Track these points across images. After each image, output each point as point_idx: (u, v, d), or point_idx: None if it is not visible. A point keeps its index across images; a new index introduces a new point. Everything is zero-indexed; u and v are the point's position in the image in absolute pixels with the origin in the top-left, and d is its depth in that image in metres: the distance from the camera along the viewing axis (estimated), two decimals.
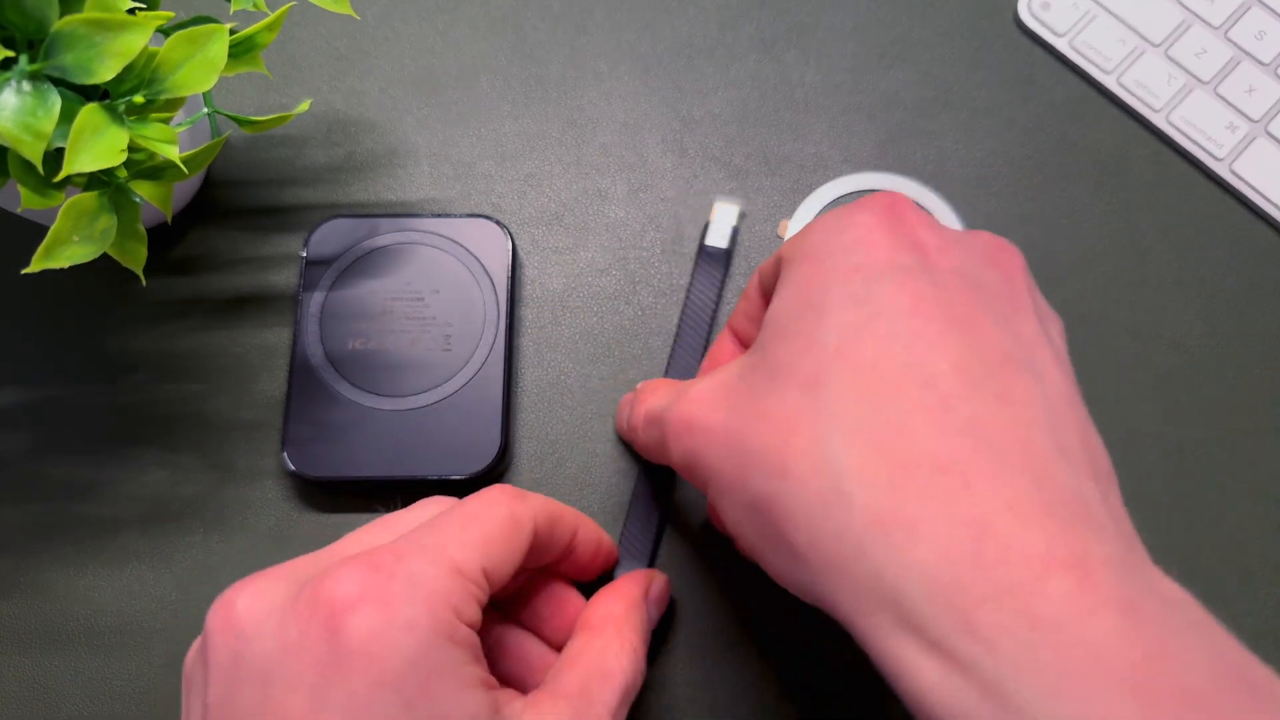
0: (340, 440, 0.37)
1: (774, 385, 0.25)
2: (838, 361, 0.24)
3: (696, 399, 0.28)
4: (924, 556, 0.21)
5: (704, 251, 0.40)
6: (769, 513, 0.24)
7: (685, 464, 0.29)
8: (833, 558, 0.22)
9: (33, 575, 0.37)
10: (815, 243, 0.27)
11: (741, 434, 0.25)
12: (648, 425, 0.32)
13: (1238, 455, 0.39)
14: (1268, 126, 0.43)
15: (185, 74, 0.31)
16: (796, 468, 0.23)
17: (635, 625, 0.31)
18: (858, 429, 0.23)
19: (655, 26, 0.46)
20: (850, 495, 0.22)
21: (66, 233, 0.30)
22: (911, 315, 0.24)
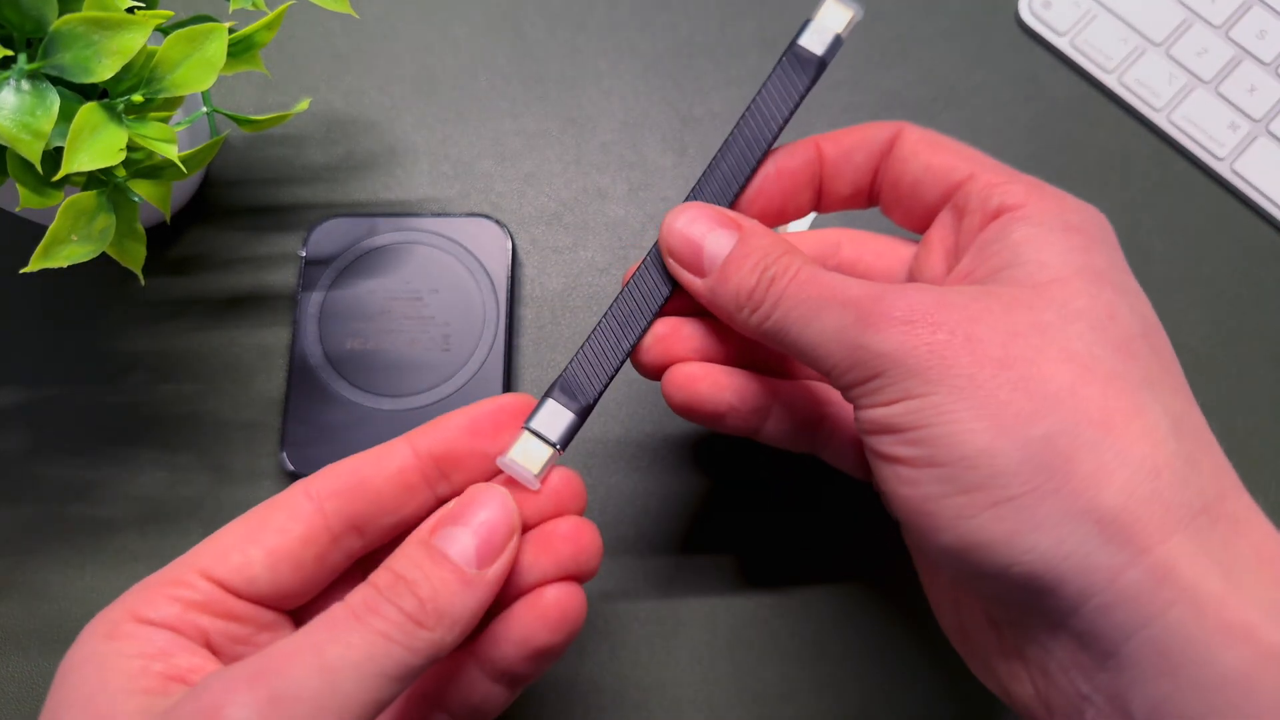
0: (339, 440, 0.37)
1: (1087, 339, 0.25)
2: (1149, 339, 0.25)
3: (931, 297, 0.25)
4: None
5: (792, 51, 0.31)
6: (1052, 443, 0.23)
7: (888, 350, 0.25)
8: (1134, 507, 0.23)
9: (30, 576, 0.37)
10: (1082, 217, 0.27)
11: (1028, 362, 0.24)
12: (797, 285, 0.27)
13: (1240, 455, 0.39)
14: (1269, 126, 0.43)
15: (184, 73, 0.31)
16: (1125, 428, 0.23)
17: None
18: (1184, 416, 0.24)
19: (655, 25, 0.45)
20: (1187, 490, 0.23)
21: (65, 232, 0.30)
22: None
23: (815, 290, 0.26)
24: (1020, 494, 0.23)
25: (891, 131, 0.30)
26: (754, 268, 0.27)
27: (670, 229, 0.29)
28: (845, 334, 0.25)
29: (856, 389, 0.25)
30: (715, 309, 0.29)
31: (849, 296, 0.26)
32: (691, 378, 0.30)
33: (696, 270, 0.29)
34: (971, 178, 0.29)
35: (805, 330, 0.26)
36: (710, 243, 0.28)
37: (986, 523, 0.23)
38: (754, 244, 0.28)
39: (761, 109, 0.31)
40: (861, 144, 0.30)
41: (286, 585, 0.26)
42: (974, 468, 0.23)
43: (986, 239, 0.27)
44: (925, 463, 0.24)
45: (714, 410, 0.30)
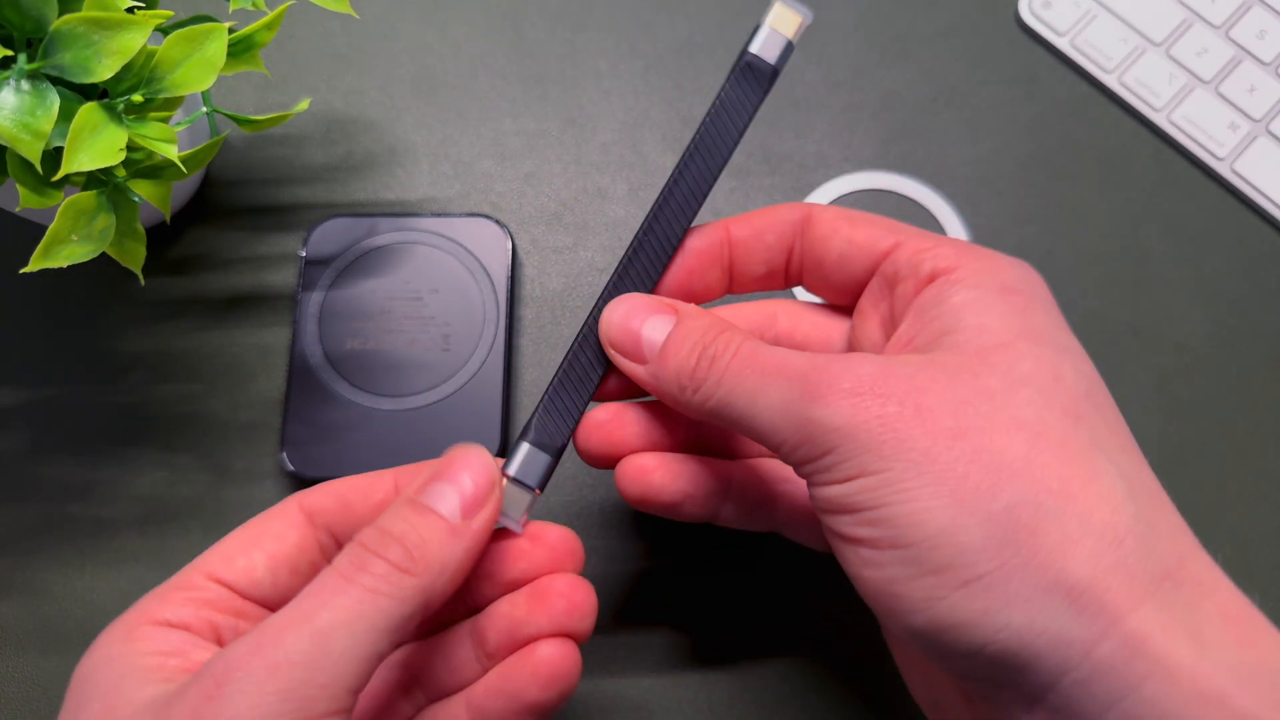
0: (339, 440, 0.37)
1: (1019, 399, 0.24)
2: (1093, 399, 0.25)
3: (876, 369, 0.25)
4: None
5: (744, 61, 0.30)
6: (1014, 516, 0.23)
7: (838, 425, 0.24)
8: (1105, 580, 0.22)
9: (30, 576, 0.37)
10: (1016, 276, 0.27)
11: (980, 431, 0.24)
12: (739, 361, 0.26)
13: (1240, 455, 0.39)
14: (1269, 126, 0.43)
15: (184, 73, 0.31)
16: (1083, 494, 0.23)
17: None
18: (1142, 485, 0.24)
19: (655, 24, 0.45)
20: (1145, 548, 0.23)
21: (65, 232, 0.30)
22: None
23: (757, 365, 0.26)
24: (988, 571, 0.22)
25: (801, 213, 0.30)
26: (692, 348, 0.27)
27: (609, 323, 0.29)
28: (791, 409, 0.25)
29: (808, 465, 0.25)
30: (659, 394, 0.28)
31: (793, 370, 0.25)
32: (644, 469, 0.30)
33: (637, 358, 0.28)
34: (898, 245, 0.28)
35: (750, 407, 0.26)
36: (647, 330, 0.28)
37: (957, 603, 0.23)
38: (690, 325, 0.28)
39: (716, 126, 0.30)
40: (771, 225, 0.30)
41: (286, 588, 0.27)
42: (938, 547, 0.23)
43: (922, 304, 0.27)
44: (887, 544, 0.23)
45: (670, 500, 0.30)
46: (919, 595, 0.23)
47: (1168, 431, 0.39)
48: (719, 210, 0.42)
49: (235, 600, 0.26)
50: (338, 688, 0.22)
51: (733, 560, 0.37)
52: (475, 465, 0.27)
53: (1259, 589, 0.37)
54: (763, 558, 0.37)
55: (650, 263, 0.30)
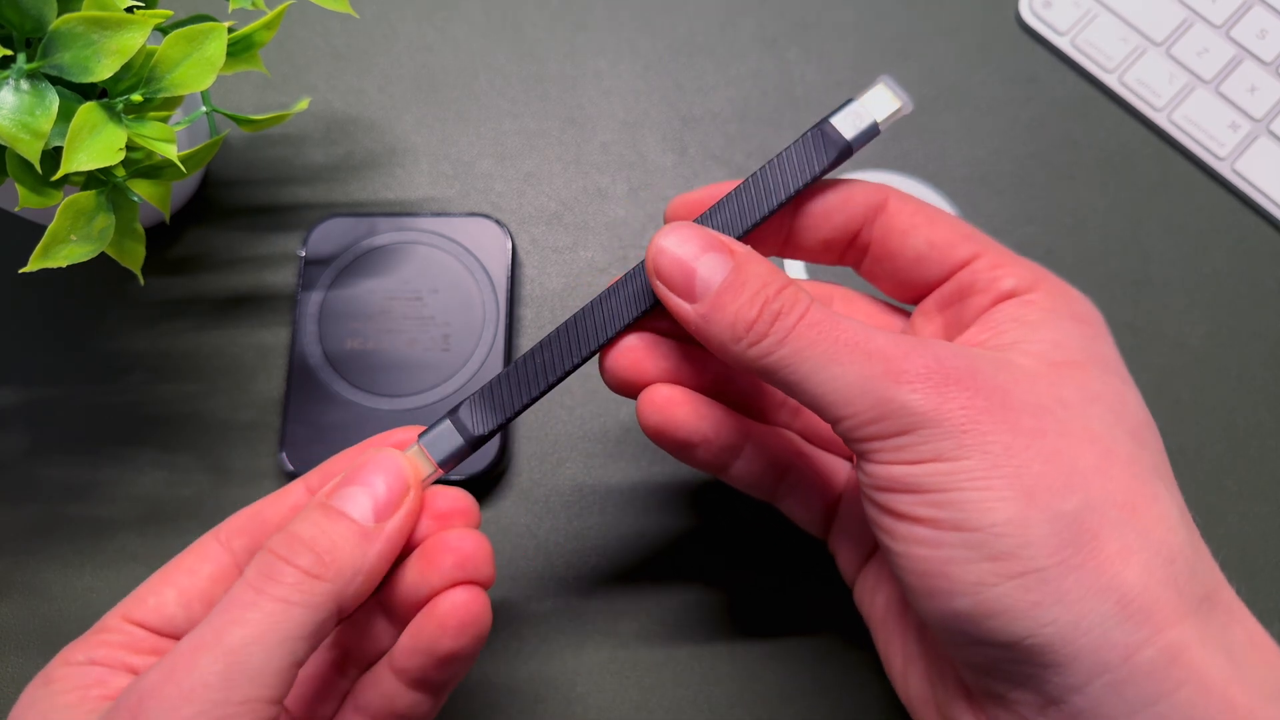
0: (339, 441, 0.37)
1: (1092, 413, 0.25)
2: (1152, 430, 0.26)
3: (964, 360, 0.25)
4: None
5: (819, 127, 0.29)
6: (1080, 519, 0.23)
7: (922, 409, 0.24)
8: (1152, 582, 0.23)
9: (29, 576, 0.37)
10: (1087, 309, 0.28)
11: (1058, 435, 0.24)
12: (808, 325, 0.26)
13: (1240, 455, 0.39)
14: (1269, 126, 0.43)
15: (183, 72, 0.31)
16: (1146, 512, 0.24)
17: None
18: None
19: (655, 24, 0.45)
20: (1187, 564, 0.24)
21: (64, 232, 0.30)
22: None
23: (833, 334, 0.25)
24: (1046, 566, 0.23)
25: (877, 198, 0.29)
26: (753, 298, 0.26)
27: (660, 249, 0.27)
28: (870, 384, 0.24)
29: (876, 441, 0.25)
30: (706, 338, 0.27)
31: (873, 346, 0.25)
32: (670, 401, 0.29)
33: (687, 295, 0.27)
34: (977, 257, 0.29)
35: (817, 374, 0.25)
36: (703, 266, 0.26)
37: (1009, 591, 0.23)
38: (751, 271, 0.26)
39: (772, 176, 0.29)
40: (843, 205, 0.29)
41: (202, 620, 0.27)
42: (1003, 535, 0.23)
43: (997, 317, 0.27)
44: (950, 526, 0.24)
45: (687, 439, 0.29)
46: (971, 578, 0.23)
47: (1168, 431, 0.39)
48: None
49: (152, 639, 0.26)
50: (258, 701, 0.23)
51: (733, 561, 0.37)
52: (388, 468, 0.27)
53: (1259, 589, 0.37)
54: (764, 558, 0.37)
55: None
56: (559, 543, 0.38)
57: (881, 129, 0.29)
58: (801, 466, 0.32)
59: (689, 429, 0.29)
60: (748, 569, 0.37)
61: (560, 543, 0.38)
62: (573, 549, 0.37)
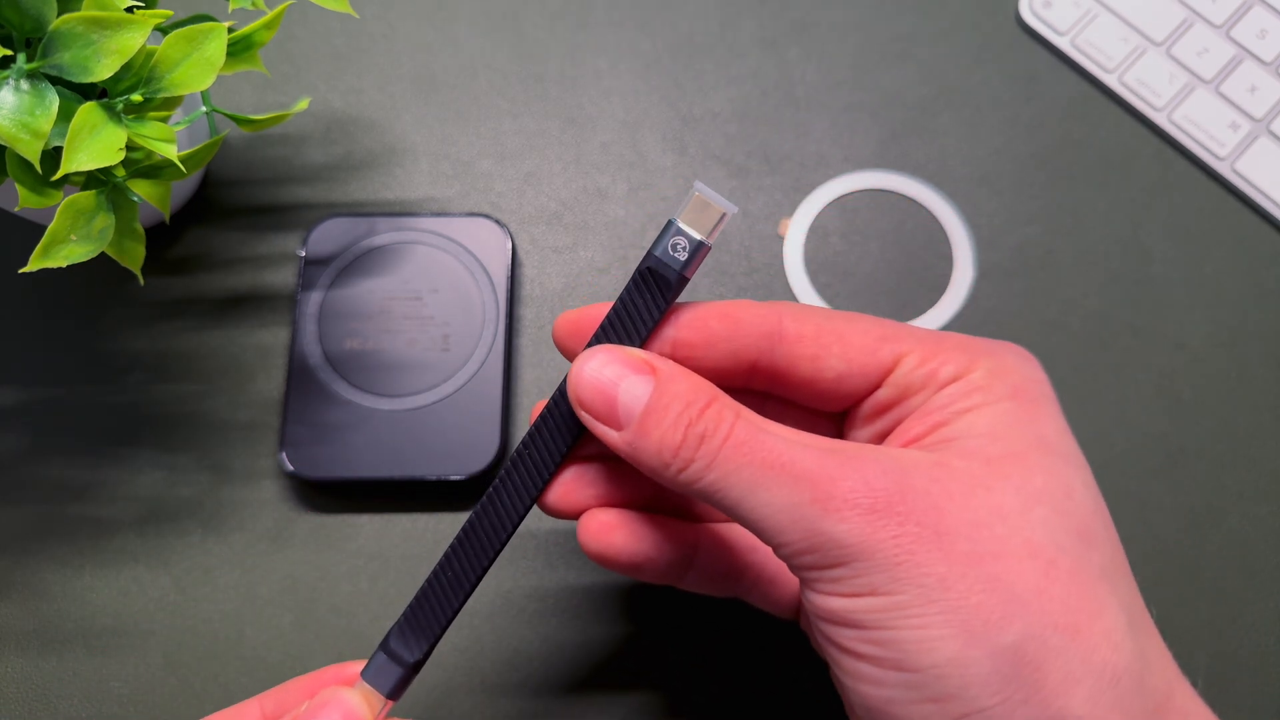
0: (338, 441, 0.37)
1: (1029, 508, 0.24)
2: (1100, 516, 0.25)
3: (892, 481, 0.24)
4: None
5: (644, 265, 0.27)
6: (1021, 651, 0.23)
7: (851, 542, 0.23)
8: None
9: (29, 576, 0.37)
10: (1026, 378, 0.27)
11: (995, 557, 0.23)
12: (733, 448, 0.25)
13: (1240, 455, 0.39)
14: (1270, 126, 0.43)
15: (183, 72, 0.31)
16: (1089, 630, 0.23)
17: None
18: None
19: (655, 24, 0.45)
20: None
21: (64, 232, 0.30)
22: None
23: (755, 455, 0.24)
24: (990, 706, 0.22)
25: (769, 325, 0.27)
26: (676, 420, 0.25)
27: (579, 379, 0.26)
28: (799, 513, 0.23)
29: (813, 572, 0.24)
30: (637, 464, 0.26)
31: (799, 469, 0.24)
32: (607, 527, 0.29)
33: (612, 423, 0.26)
34: (900, 357, 0.27)
35: (746, 499, 0.24)
36: (624, 392, 0.25)
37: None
38: (673, 391, 0.25)
39: (615, 330, 0.27)
40: (729, 335, 0.28)
41: None
42: (944, 677, 0.23)
43: (936, 404, 0.26)
44: (891, 665, 0.23)
45: (629, 562, 0.29)
46: (918, 718, 0.23)
47: (1168, 431, 0.39)
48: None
49: None
50: None
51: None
52: (345, 710, 0.26)
53: (1259, 589, 0.37)
54: None
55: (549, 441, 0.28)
56: (559, 543, 0.38)
57: (710, 244, 0.27)
58: (759, 562, 0.31)
59: (629, 553, 0.29)
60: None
61: (560, 543, 0.38)
62: (573, 549, 0.37)
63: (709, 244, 0.27)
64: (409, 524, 0.38)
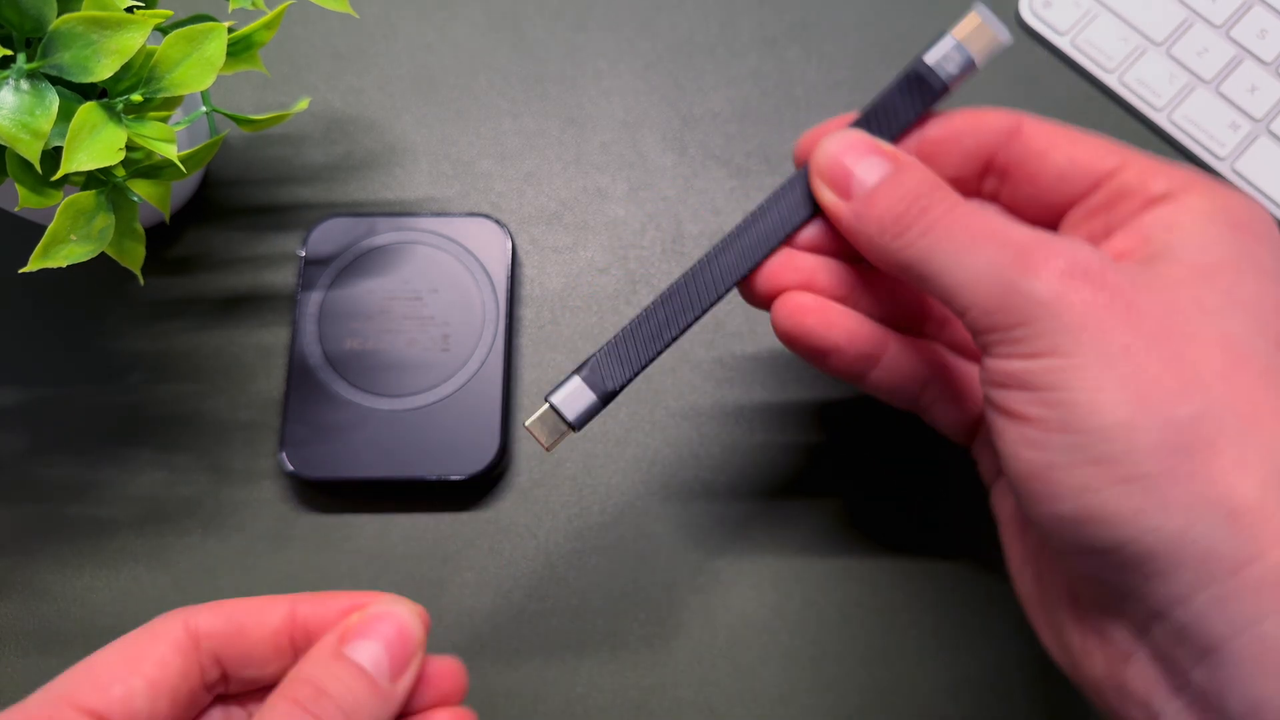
0: (338, 440, 0.37)
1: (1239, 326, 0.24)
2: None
3: (1100, 258, 0.24)
4: None
5: (914, 69, 0.29)
6: (1195, 427, 0.22)
7: (1044, 299, 0.24)
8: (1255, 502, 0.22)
9: (29, 576, 0.37)
10: (1247, 212, 0.26)
11: (1185, 339, 0.23)
12: (953, 218, 0.26)
13: None
14: (1270, 126, 0.43)
15: (183, 72, 0.31)
16: (1271, 424, 0.23)
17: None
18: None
19: (655, 24, 0.45)
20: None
21: (64, 232, 0.30)
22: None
23: (973, 225, 0.25)
24: (1153, 472, 0.22)
25: (1010, 121, 0.29)
26: (905, 195, 0.27)
27: (824, 151, 0.28)
28: (999, 272, 0.24)
29: (996, 333, 0.24)
30: (856, 235, 0.28)
31: (1011, 237, 0.25)
32: (802, 308, 0.30)
33: (843, 193, 0.28)
34: (1123, 166, 0.27)
35: (952, 263, 0.25)
36: (862, 167, 0.28)
37: (1112, 497, 0.22)
38: (911, 173, 0.27)
39: (869, 124, 0.29)
40: (973, 129, 0.29)
41: (163, 717, 0.25)
42: (1109, 440, 0.22)
43: (1145, 223, 0.26)
44: (1057, 427, 0.23)
45: (819, 346, 0.30)
46: (1075, 482, 0.23)
47: None
48: (718, 209, 0.42)
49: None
50: None
51: (732, 564, 0.37)
52: (402, 625, 0.26)
53: None
54: (765, 559, 0.37)
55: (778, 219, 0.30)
56: (559, 542, 0.38)
57: (980, 65, 0.29)
58: (945, 378, 0.31)
59: (820, 334, 0.30)
60: (748, 572, 0.37)
61: (560, 542, 0.38)
62: (572, 549, 0.37)
63: (979, 64, 0.29)
64: (409, 524, 0.38)
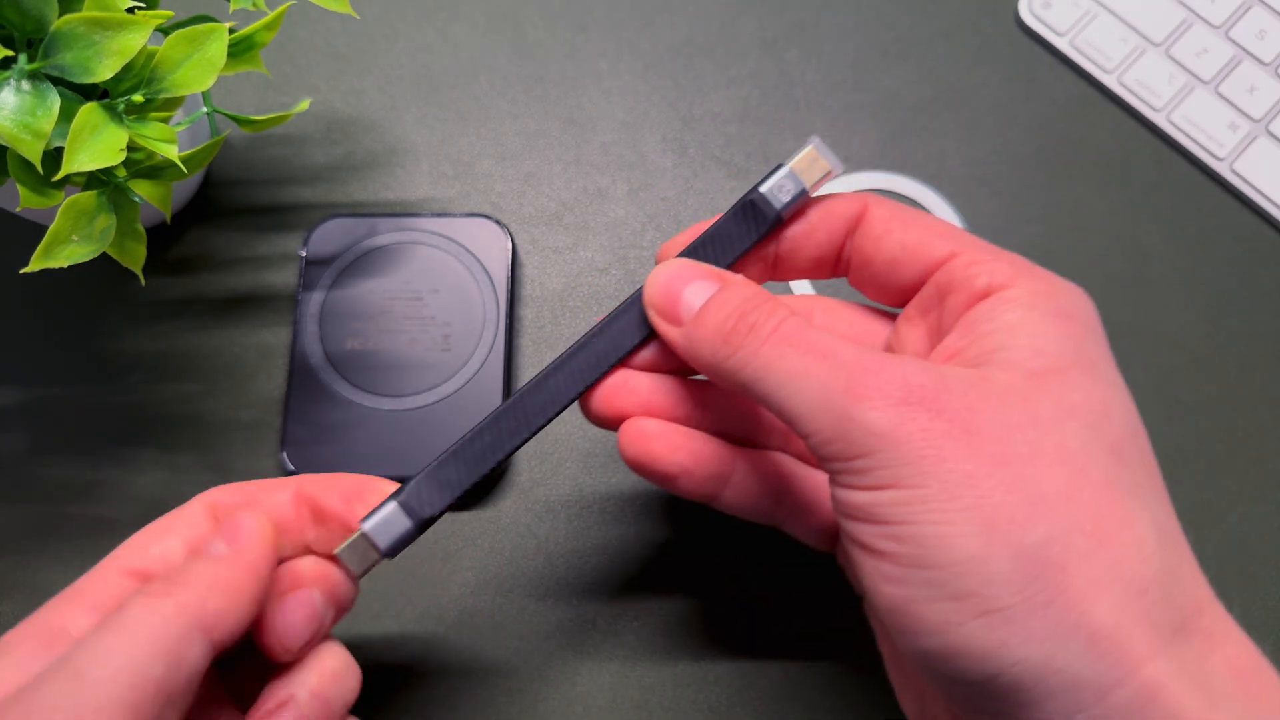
0: (339, 440, 0.37)
1: (1064, 432, 0.24)
2: (1136, 441, 0.25)
3: (930, 378, 0.24)
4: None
5: (749, 197, 0.29)
6: (1046, 552, 0.22)
7: (881, 430, 0.23)
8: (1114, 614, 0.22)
9: (30, 576, 0.37)
10: (1073, 302, 0.27)
11: (1024, 460, 0.23)
12: (780, 337, 0.26)
13: (1240, 455, 0.39)
14: (1269, 126, 0.43)
15: (184, 73, 0.31)
16: (1116, 539, 0.23)
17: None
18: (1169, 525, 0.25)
19: (655, 24, 0.45)
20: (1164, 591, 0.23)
21: (65, 232, 0.30)
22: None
23: (800, 344, 0.25)
24: (1011, 604, 0.22)
25: (856, 207, 0.29)
26: (732, 312, 0.26)
27: (653, 282, 0.29)
28: (832, 401, 0.24)
29: (838, 463, 0.24)
30: (691, 358, 0.28)
31: (839, 359, 0.24)
32: (645, 435, 0.29)
33: (673, 320, 0.28)
34: (953, 256, 0.28)
35: (784, 387, 0.25)
36: (689, 292, 0.28)
37: (975, 631, 0.22)
38: (733, 292, 0.27)
39: (705, 251, 0.30)
40: (825, 220, 0.30)
41: None
42: (964, 574, 0.22)
43: (974, 318, 0.26)
44: (910, 562, 0.23)
45: (666, 471, 0.29)
46: (936, 618, 0.23)
47: (1167, 431, 0.39)
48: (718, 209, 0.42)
49: None
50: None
51: (734, 563, 0.37)
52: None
53: (1259, 589, 0.37)
54: (766, 561, 0.37)
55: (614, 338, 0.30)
56: (559, 542, 0.38)
57: (811, 194, 0.30)
58: (796, 489, 0.31)
59: (667, 462, 0.29)
60: (749, 571, 0.37)
61: (560, 542, 0.38)
62: (573, 549, 0.37)
63: (811, 194, 0.30)
64: None
